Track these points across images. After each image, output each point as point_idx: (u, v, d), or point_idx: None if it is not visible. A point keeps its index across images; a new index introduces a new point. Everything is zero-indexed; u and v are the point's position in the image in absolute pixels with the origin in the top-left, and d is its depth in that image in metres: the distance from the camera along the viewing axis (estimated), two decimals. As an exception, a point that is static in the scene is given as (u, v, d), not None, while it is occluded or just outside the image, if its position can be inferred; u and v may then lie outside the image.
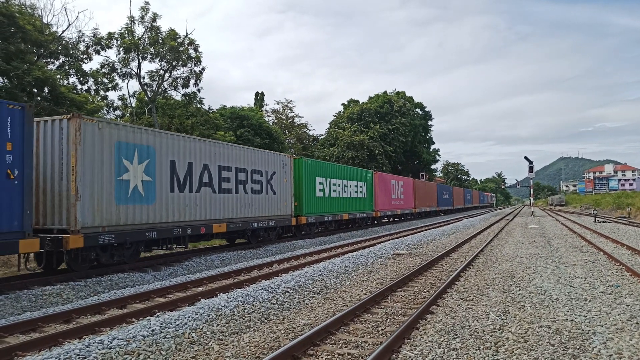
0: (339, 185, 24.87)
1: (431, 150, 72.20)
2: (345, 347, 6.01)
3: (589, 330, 6.47)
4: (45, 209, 10.47)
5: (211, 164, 14.80)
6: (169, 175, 13.07)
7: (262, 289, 8.82)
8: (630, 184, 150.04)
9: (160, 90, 28.94)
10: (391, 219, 37.00)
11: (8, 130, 8.92)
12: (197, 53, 28.57)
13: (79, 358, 5.23)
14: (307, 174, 21.36)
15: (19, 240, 9.04)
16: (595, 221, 34.01)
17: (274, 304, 8.16)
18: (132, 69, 27.67)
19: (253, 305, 7.85)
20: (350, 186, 26.46)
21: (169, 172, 13.07)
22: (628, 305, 7.81)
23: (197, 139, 14.66)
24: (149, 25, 27.05)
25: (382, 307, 8.14)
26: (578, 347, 5.82)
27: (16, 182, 9.07)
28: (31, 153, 9.55)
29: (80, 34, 25.18)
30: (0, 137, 8.79)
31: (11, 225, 8.91)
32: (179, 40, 27.50)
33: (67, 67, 25.45)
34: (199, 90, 29.82)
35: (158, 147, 12.75)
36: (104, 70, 27.31)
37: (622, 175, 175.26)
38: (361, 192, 28.13)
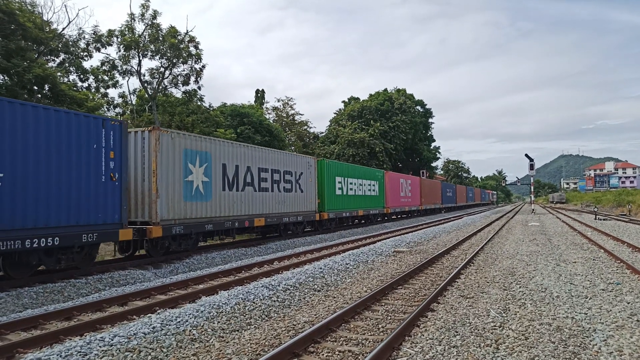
0: (355, 184, 26.96)
1: (432, 147, 72.16)
2: (346, 345, 6.02)
3: (590, 328, 6.48)
4: (130, 205, 12.42)
5: (253, 166, 17.04)
6: (221, 176, 15.26)
7: (262, 286, 8.84)
8: (631, 182, 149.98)
9: (160, 87, 28.92)
10: (400, 216, 38.55)
11: (111, 141, 11.21)
12: (198, 50, 28.54)
13: (80, 355, 5.25)
14: (328, 174, 23.47)
15: (118, 230, 11.37)
16: (595, 219, 34.01)
17: (274, 301, 8.17)
18: (132, 67, 27.66)
19: (254, 302, 7.86)
20: (364, 185, 28.48)
21: (221, 173, 15.28)
22: (628, 303, 7.82)
23: (242, 145, 17.03)
24: (150, 23, 27.00)
25: (383, 304, 8.15)
26: (578, 344, 5.83)
27: (117, 184, 11.35)
28: (126, 160, 11.85)
29: (81, 32, 25.17)
30: (106, 147, 11.08)
31: (113, 218, 11.28)
32: (179, 37, 27.47)
33: (67, 64, 25.42)
34: (199, 88, 29.81)
35: (213, 152, 14.92)
36: (104, 67, 27.27)
37: (623, 172, 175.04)
38: (374, 190, 30.14)
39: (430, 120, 71.32)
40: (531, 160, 45.15)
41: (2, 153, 8.96)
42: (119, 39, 26.41)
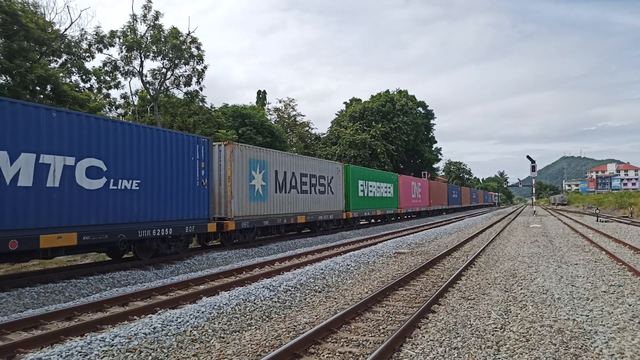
0: (374, 186, 29.79)
1: (433, 149, 72.10)
2: (347, 346, 6.02)
3: (591, 330, 6.46)
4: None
5: (296, 172, 20.05)
6: (274, 180, 18.26)
7: (263, 287, 8.83)
8: (633, 184, 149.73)
9: (162, 88, 28.96)
10: (411, 216, 41.06)
11: (202, 154, 14.24)
12: (200, 51, 28.59)
13: (80, 355, 5.25)
14: (353, 177, 26.33)
15: (207, 223, 14.48)
16: (597, 221, 33.94)
17: (275, 302, 8.17)
18: (134, 67, 27.71)
19: (254, 303, 7.86)
20: (382, 187, 31.34)
21: (274, 178, 18.27)
22: (630, 305, 7.79)
23: (289, 154, 20.96)
24: (152, 24, 27.07)
25: (384, 305, 8.14)
26: (580, 346, 5.81)
27: (206, 187, 14.39)
28: (211, 168, 14.85)
29: (83, 32, 25.22)
30: (199, 159, 14.14)
31: (204, 214, 14.38)
32: (181, 38, 27.52)
33: (69, 65, 25.47)
34: (201, 89, 29.85)
35: (268, 160, 17.95)
36: (106, 68, 27.32)
37: (625, 174, 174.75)
38: (389, 192, 32.89)
39: (431, 121, 71.32)
40: (533, 162, 45.08)
41: (140, 165, 12.03)
42: (121, 40, 26.46)
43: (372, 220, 32.25)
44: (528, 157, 45.78)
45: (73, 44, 24.73)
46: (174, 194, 13.15)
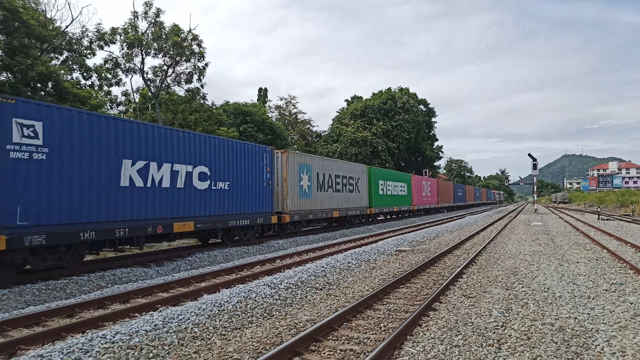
0: (391, 185, 33.01)
1: (434, 147, 72.06)
2: (348, 343, 6.01)
3: (592, 328, 6.45)
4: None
5: (332, 173, 23.42)
6: (316, 181, 21.62)
7: (264, 284, 8.83)
8: (635, 182, 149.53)
9: (163, 85, 28.95)
10: (421, 212, 44.04)
11: (267, 160, 17.67)
12: (201, 48, 28.58)
13: (81, 352, 5.25)
14: (374, 178, 29.48)
15: (271, 216, 17.84)
16: (599, 219, 33.90)
17: (276, 299, 8.17)
18: (135, 65, 27.73)
19: (255, 300, 7.86)
20: (397, 186, 34.56)
21: (316, 179, 21.63)
22: (632, 303, 7.78)
23: (327, 159, 24.56)
24: (153, 21, 27.04)
25: (385, 303, 8.13)
26: (581, 344, 5.80)
27: (270, 187, 17.78)
28: (273, 172, 18.16)
29: (84, 29, 25.24)
30: (265, 164, 17.53)
31: (269, 209, 17.75)
32: (182, 35, 27.49)
33: (70, 62, 25.47)
34: (202, 86, 29.86)
35: (312, 164, 21.33)
36: (107, 65, 27.32)
37: (627, 172, 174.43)
38: (403, 190, 36.03)
39: (433, 119, 71.27)
40: (534, 160, 45.02)
41: (231, 170, 15.61)
42: (122, 37, 26.45)
43: (388, 217, 35.06)
44: (529, 155, 45.72)
45: (74, 41, 24.74)
46: (250, 193, 16.64)
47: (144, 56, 27.47)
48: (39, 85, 20.29)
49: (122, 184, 11.57)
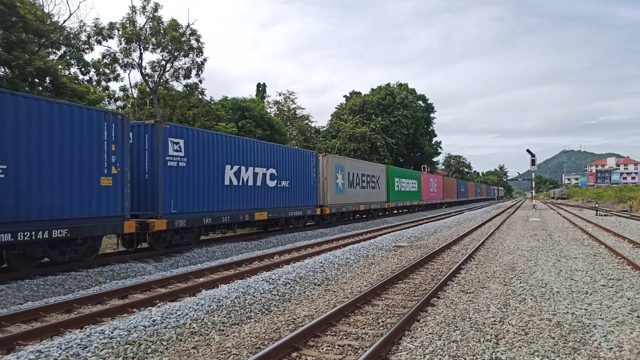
0: (404, 182, 36.99)
1: (433, 142, 72.01)
2: (346, 339, 6.02)
3: (590, 324, 6.47)
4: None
5: (359, 172, 27.23)
6: (347, 179, 25.42)
7: (263, 280, 8.84)
8: (633, 178, 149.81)
9: (161, 81, 28.85)
10: (429, 207, 47.16)
11: (314, 162, 21.61)
12: (199, 43, 28.46)
13: (80, 347, 5.25)
14: (391, 176, 33.34)
15: (316, 208, 21.86)
16: (596, 214, 33.96)
17: (274, 295, 8.17)
18: (133, 60, 27.60)
19: (254, 296, 7.86)
20: (410, 183, 38.49)
21: (347, 178, 25.44)
22: (629, 299, 7.81)
23: (356, 160, 29.49)
24: (151, 15, 26.91)
25: (383, 299, 8.15)
26: (578, 340, 5.82)
27: (315, 185, 21.67)
28: (318, 172, 22.14)
29: (82, 24, 25.09)
30: (312, 166, 21.37)
31: (315, 202, 21.72)
32: (180, 30, 27.37)
33: (68, 57, 25.36)
34: (200, 81, 29.74)
35: (344, 165, 25.31)
36: (105, 60, 27.20)
37: (625, 168, 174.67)
38: (414, 187, 39.91)
39: (431, 115, 71.12)
40: (533, 155, 45.06)
41: (290, 172, 19.39)
42: (120, 32, 26.32)
43: (401, 210, 38.83)
44: (528, 150, 45.75)
45: (72, 35, 24.62)
46: (303, 189, 20.52)
47: (142, 51, 27.35)
48: (36, 80, 20.20)
49: (225, 183, 15.33)
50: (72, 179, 10.22)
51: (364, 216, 30.29)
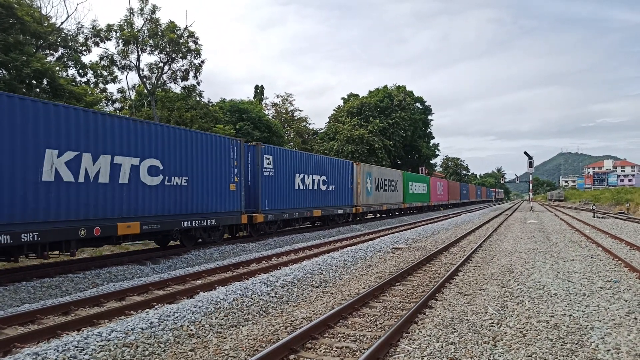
0: (417, 186, 42.14)
1: (431, 144, 72.08)
2: (344, 341, 6.02)
3: (587, 325, 6.48)
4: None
5: (382, 177, 32.08)
6: (374, 183, 29.98)
7: (260, 282, 8.83)
8: (630, 180, 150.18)
9: (159, 82, 28.83)
10: (436, 208, 51.86)
11: (350, 170, 26.28)
12: (197, 45, 28.44)
13: (77, 350, 5.23)
14: (406, 180, 38.44)
15: (352, 207, 26.26)
16: (594, 217, 34.04)
17: (272, 297, 8.16)
18: (131, 62, 27.56)
19: (252, 298, 7.85)
20: (420, 186, 43.72)
21: (374, 182, 30.02)
22: (626, 301, 7.82)
23: (380, 167, 34.96)
24: (149, 17, 26.90)
25: (381, 301, 8.15)
26: (576, 342, 5.83)
27: (351, 188, 26.20)
28: (353, 177, 26.67)
29: (79, 26, 25.06)
30: (349, 172, 26.19)
31: (351, 202, 26.22)
32: (178, 32, 27.36)
33: (66, 59, 25.33)
34: (198, 83, 29.71)
35: (372, 171, 29.99)
36: (103, 62, 27.17)
37: (622, 170, 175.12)
38: (424, 190, 45.06)
39: (429, 117, 71.21)
40: (530, 157, 45.12)
41: (335, 177, 23.93)
42: (118, 34, 26.30)
43: (414, 211, 43.43)
44: (525, 153, 45.83)
45: (69, 37, 24.60)
46: (344, 192, 25.26)
47: (139, 53, 27.33)
48: (34, 82, 20.17)
49: (295, 187, 19.78)
50: (215, 185, 14.85)
51: (384, 215, 35.26)
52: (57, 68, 22.47)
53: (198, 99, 30.58)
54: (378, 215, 34.55)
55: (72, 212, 10.16)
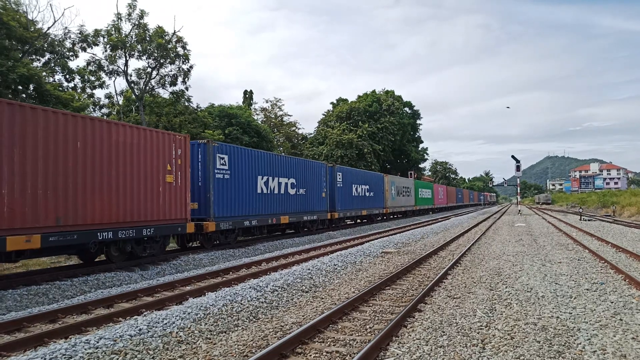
0: (424, 191, 49.91)
1: (419, 149, 72.46)
2: (334, 345, 6.03)
3: (574, 327, 6.56)
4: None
5: (401, 185, 39.85)
6: (395, 190, 37.90)
7: (250, 287, 8.81)
8: (616, 183, 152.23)
9: (147, 88, 28.66)
10: (438, 210, 59.50)
11: (381, 180, 35.00)
12: (185, 51, 28.33)
13: (64, 358, 5.18)
14: (417, 187, 46.04)
15: (383, 209, 34.87)
16: (580, 219, 34.45)
17: (262, 302, 8.15)
18: (119, 67, 27.36)
19: (241, 304, 7.83)
20: (427, 192, 51.50)
21: (395, 189, 37.97)
22: (612, 302, 7.93)
23: (399, 177, 42.42)
24: (137, 22, 26.76)
25: (371, 305, 8.17)
26: (563, 343, 5.90)
27: (383, 194, 35.05)
28: (383, 186, 35.12)
29: (66, 31, 24.82)
30: (380, 182, 34.63)
31: (383, 205, 34.74)
32: (166, 37, 27.26)
33: (52, 64, 25.08)
34: (187, 88, 29.56)
35: (395, 181, 38.20)
36: (90, 67, 26.94)
37: (608, 174, 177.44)
38: (429, 194, 52.74)
39: (418, 121, 71.62)
40: (518, 161, 45.59)
41: (373, 186, 32.19)
42: (106, 39, 26.12)
43: (421, 213, 49.85)
44: (513, 157, 46.29)
45: (56, 42, 24.36)
46: (377, 197, 32.33)
47: (127, 58, 27.14)
48: (20, 87, 19.94)
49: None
50: (315, 191, 22.35)
51: (400, 216, 41.48)
52: (44, 73, 22.25)
53: (187, 104, 30.44)
54: (392, 216, 39.96)
55: (266, 210, 18.38)
